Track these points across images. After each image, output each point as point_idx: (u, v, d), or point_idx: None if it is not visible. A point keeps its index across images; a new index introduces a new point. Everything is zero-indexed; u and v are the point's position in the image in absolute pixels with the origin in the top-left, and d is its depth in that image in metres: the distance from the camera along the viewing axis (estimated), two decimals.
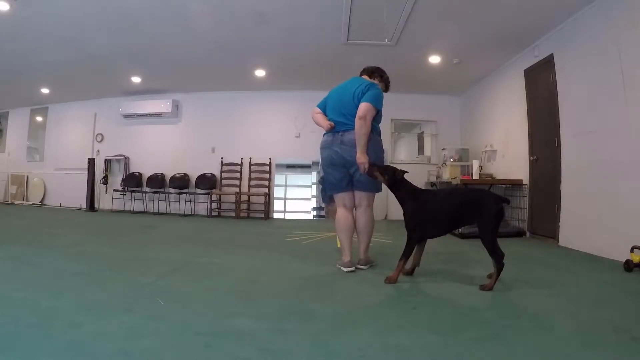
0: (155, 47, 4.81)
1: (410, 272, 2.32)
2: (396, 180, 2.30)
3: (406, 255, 2.19)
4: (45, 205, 7.46)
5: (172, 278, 2.17)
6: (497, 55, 4.77)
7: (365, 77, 2.63)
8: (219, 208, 6.54)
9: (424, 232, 2.25)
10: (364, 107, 2.33)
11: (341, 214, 2.52)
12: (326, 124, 2.50)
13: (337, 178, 2.49)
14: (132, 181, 6.83)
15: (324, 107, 2.62)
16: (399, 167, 2.47)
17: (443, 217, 2.21)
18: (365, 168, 2.33)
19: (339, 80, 2.62)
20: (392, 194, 2.36)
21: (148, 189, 6.78)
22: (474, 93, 6.06)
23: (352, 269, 2.40)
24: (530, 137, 4.34)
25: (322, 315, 1.60)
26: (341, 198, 2.53)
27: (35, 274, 2.16)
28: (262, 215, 6.39)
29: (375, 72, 2.65)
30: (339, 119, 2.47)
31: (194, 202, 6.69)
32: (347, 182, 2.49)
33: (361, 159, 2.32)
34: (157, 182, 6.78)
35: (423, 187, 3.19)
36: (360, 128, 2.30)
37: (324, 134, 2.56)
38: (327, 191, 2.65)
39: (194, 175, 6.74)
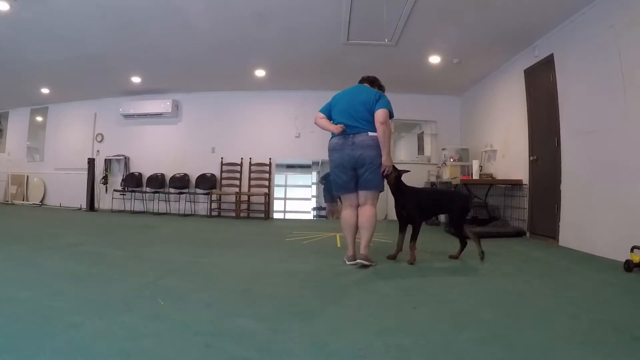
0: (155, 47, 4.81)
1: (394, 257, 2.78)
2: (400, 178, 2.77)
3: (415, 237, 2.70)
4: (45, 205, 7.46)
5: (172, 278, 2.17)
6: (497, 55, 4.77)
7: (366, 84, 2.84)
8: (219, 208, 6.54)
9: (422, 218, 2.90)
10: (383, 113, 2.54)
11: (347, 212, 2.68)
12: (334, 127, 2.62)
13: (345, 180, 2.62)
14: (132, 181, 6.83)
15: (327, 112, 2.74)
16: (399, 166, 2.81)
17: (431, 207, 2.97)
18: (390, 170, 2.61)
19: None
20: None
21: (148, 189, 6.78)
22: (474, 93, 6.06)
23: (355, 262, 2.53)
24: (530, 137, 4.34)
25: (322, 315, 1.60)
26: (348, 198, 2.68)
27: (35, 274, 2.16)
28: (262, 215, 6.39)
29: (375, 82, 2.88)
30: (349, 122, 2.59)
31: (194, 202, 6.69)
32: (354, 183, 2.62)
33: (387, 161, 2.57)
34: (157, 182, 6.78)
35: (423, 187, 4.49)
36: (384, 133, 2.54)
37: (333, 137, 2.67)
38: (335, 192, 2.85)
39: (194, 175, 6.74)
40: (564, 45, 3.72)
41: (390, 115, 2.59)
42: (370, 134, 2.55)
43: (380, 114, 2.53)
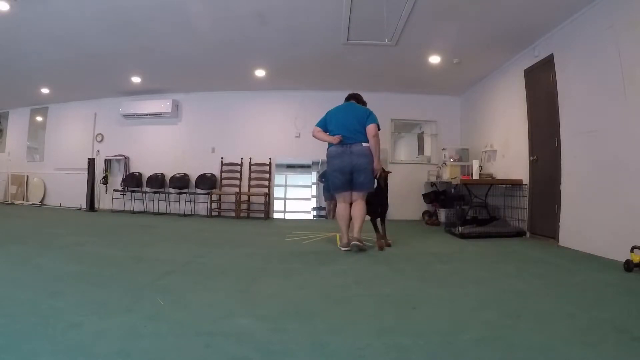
0: (155, 47, 4.81)
1: (382, 247, 3.24)
2: (387, 177, 3.50)
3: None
4: (45, 205, 7.46)
5: (172, 278, 2.17)
6: (497, 55, 4.77)
7: (354, 101, 3.39)
8: (219, 208, 6.54)
9: None
10: (374, 128, 3.13)
11: (341, 207, 3.23)
12: (332, 138, 3.16)
13: (342, 181, 3.16)
14: (132, 181, 6.83)
15: (324, 125, 3.27)
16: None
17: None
18: (380, 173, 3.27)
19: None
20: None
21: (148, 189, 6.78)
22: (474, 93, 6.06)
23: (349, 248, 3.05)
24: (530, 137, 4.34)
25: (322, 315, 1.60)
26: (342, 196, 3.24)
27: (35, 274, 2.16)
28: (262, 215, 6.39)
29: (360, 99, 3.47)
30: (345, 134, 3.14)
31: (194, 202, 6.69)
32: (348, 184, 3.16)
33: (378, 166, 3.20)
34: (157, 182, 6.78)
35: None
36: (376, 144, 3.16)
37: (331, 146, 3.22)
38: (332, 192, 3.34)
39: (194, 175, 6.74)
40: (564, 45, 3.72)
41: (378, 128, 3.17)
42: (364, 144, 3.13)
43: (371, 129, 3.12)
